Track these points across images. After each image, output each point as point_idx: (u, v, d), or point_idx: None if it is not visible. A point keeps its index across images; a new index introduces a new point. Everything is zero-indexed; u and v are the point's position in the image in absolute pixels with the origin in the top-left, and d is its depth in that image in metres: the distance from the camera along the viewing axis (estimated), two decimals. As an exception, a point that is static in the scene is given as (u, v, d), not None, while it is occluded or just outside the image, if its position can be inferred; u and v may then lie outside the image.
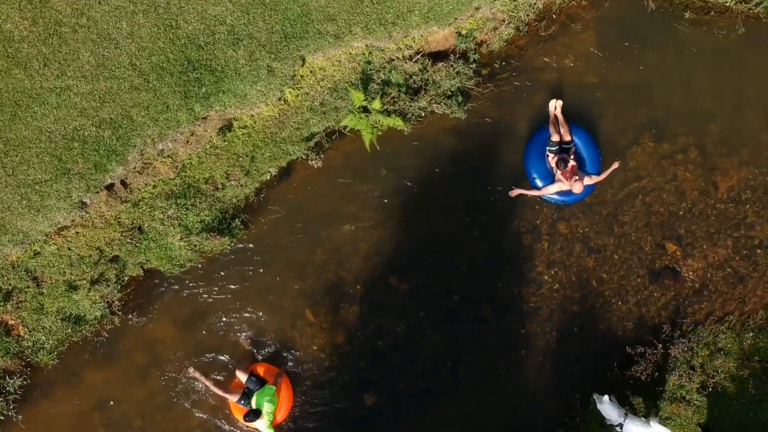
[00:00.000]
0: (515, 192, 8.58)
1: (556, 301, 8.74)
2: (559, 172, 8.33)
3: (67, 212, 7.81)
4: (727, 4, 8.88)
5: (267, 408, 7.74)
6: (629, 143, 8.90)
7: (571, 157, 8.36)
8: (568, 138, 8.47)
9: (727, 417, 8.41)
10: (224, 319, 8.45)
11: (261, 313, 8.49)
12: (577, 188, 8.20)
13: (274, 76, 7.97)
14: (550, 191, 8.44)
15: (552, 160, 8.47)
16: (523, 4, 8.65)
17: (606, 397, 7.94)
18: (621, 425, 7.97)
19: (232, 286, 8.47)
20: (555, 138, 8.46)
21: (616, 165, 8.50)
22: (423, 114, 8.56)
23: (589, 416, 8.49)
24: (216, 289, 8.46)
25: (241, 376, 8.00)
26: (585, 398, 8.52)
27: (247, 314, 8.47)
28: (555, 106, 8.65)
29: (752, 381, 8.47)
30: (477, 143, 8.83)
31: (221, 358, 8.41)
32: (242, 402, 7.88)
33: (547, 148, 8.53)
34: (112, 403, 8.30)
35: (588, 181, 8.37)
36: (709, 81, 9.05)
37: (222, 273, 8.48)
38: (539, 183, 8.58)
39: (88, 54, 7.72)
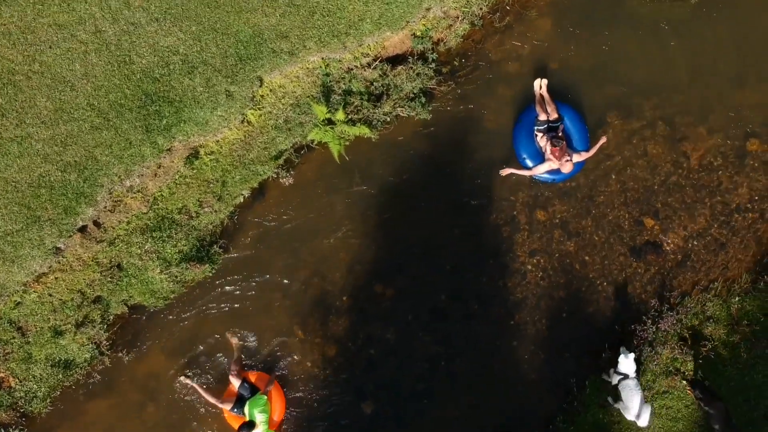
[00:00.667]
0: (506, 171, 8.60)
1: (542, 289, 8.76)
2: (548, 151, 8.36)
3: (43, 259, 7.79)
4: (677, -25, 8.93)
5: (260, 418, 7.80)
6: (597, 123, 8.92)
7: (560, 135, 8.39)
8: (555, 116, 8.51)
9: (723, 383, 8.45)
10: (213, 346, 8.42)
11: (250, 335, 8.47)
12: (567, 168, 8.25)
13: (233, 100, 7.97)
14: (541, 170, 8.48)
15: (541, 139, 8.50)
16: (476, -2, 8.67)
17: (632, 355, 8.01)
18: (626, 377, 8.01)
19: (218, 312, 8.45)
20: (542, 117, 8.49)
21: (603, 140, 8.53)
22: (388, 119, 8.57)
23: (587, 399, 8.51)
24: (202, 316, 8.44)
25: (234, 382, 8.02)
26: (581, 382, 8.55)
27: (237, 338, 8.45)
28: (540, 85, 8.69)
29: (743, 345, 8.52)
30: (446, 141, 8.85)
31: (213, 381, 8.40)
32: (235, 410, 7.93)
33: (535, 127, 8.56)
34: (110, 443, 8.29)
35: (577, 158, 8.41)
36: (668, 53, 9.10)
37: (206, 300, 8.46)
38: (529, 163, 8.60)
39: (44, 99, 7.70)
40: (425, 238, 8.75)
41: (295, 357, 8.51)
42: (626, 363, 8.02)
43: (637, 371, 8.10)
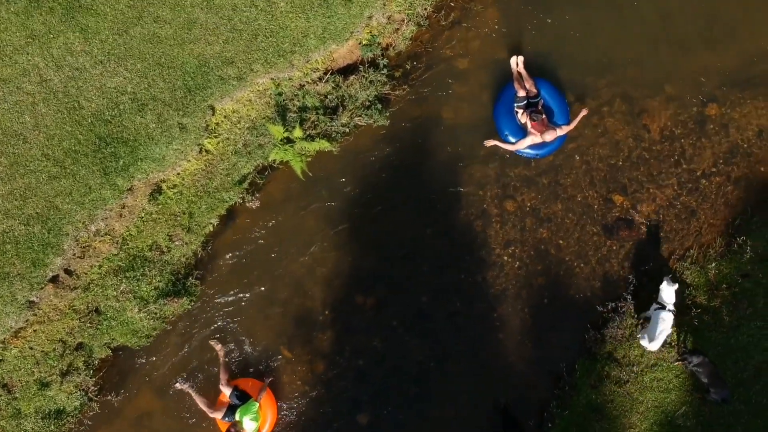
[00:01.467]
0: (490, 143, 8.67)
1: (521, 278, 8.79)
2: (530, 126, 8.43)
3: (17, 315, 7.76)
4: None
5: (250, 426, 7.85)
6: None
7: (539, 109, 8.49)
8: (534, 91, 8.58)
9: (709, 349, 8.50)
10: (201, 379, 8.41)
11: (237, 362, 8.47)
12: (549, 137, 8.35)
13: (187, 132, 7.96)
14: (524, 145, 8.55)
15: (522, 115, 8.56)
16: (419, -1, 8.69)
17: (676, 285, 8.11)
18: (663, 307, 8.07)
19: (202, 344, 8.44)
20: (521, 93, 8.55)
21: (584, 112, 8.61)
22: (347, 130, 8.58)
23: (578, 382, 8.55)
24: (186, 350, 8.43)
25: (225, 391, 8.04)
26: (570, 366, 8.59)
27: (220, 344, 8.40)
28: (516, 62, 8.75)
29: (725, 308, 8.58)
30: (408, 144, 8.87)
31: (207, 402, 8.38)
32: (227, 418, 7.95)
33: (515, 104, 8.63)
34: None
35: (559, 132, 8.48)
36: (616, 28, 9.15)
37: (189, 333, 8.45)
38: (512, 139, 8.67)
39: (-2, 155, 7.68)
40: (399, 243, 8.77)
41: (285, 377, 8.51)
42: (668, 291, 8.07)
43: (676, 303, 8.16)
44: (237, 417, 7.88)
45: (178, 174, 8.19)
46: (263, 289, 8.57)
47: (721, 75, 9.16)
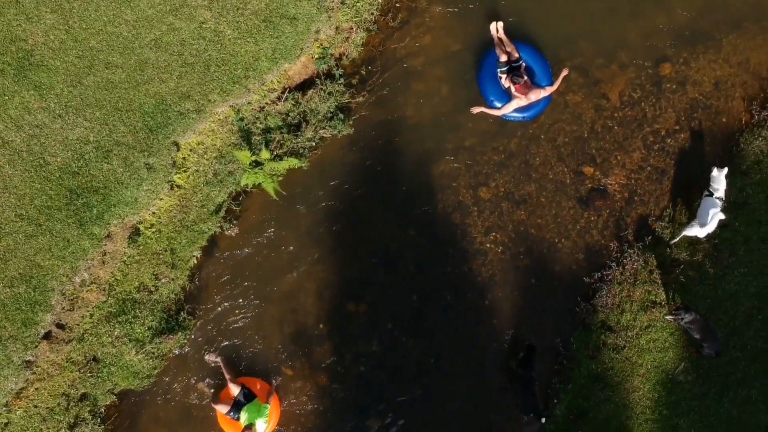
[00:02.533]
0: (476, 109, 8.79)
1: (506, 263, 8.90)
2: (514, 90, 8.57)
3: (16, 376, 7.82)
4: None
5: (262, 428, 7.99)
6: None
7: (521, 72, 8.63)
8: (516, 55, 8.72)
9: (700, 302, 8.66)
10: (209, 407, 8.48)
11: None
12: (534, 96, 8.55)
13: (155, 171, 8.04)
14: (509, 109, 8.70)
15: (505, 80, 8.71)
16: (363, 6, 8.77)
17: (726, 170, 8.41)
18: (712, 194, 8.36)
19: (204, 375, 8.51)
20: (503, 58, 8.69)
21: (565, 72, 8.78)
22: (314, 144, 8.67)
23: (576, 355, 8.68)
24: (190, 384, 8.50)
25: (234, 389, 8.14)
26: (566, 340, 8.73)
27: (214, 354, 8.47)
28: (497, 28, 8.89)
29: (708, 261, 8.73)
30: (376, 148, 8.95)
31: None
32: (231, 413, 8.06)
33: (498, 69, 8.77)
34: None
35: (543, 93, 8.64)
36: (562, 3, 9.23)
37: (189, 366, 8.52)
38: (497, 104, 8.81)
39: (-28, 223, 7.73)
40: (383, 246, 8.85)
41: (290, 395, 8.59)
42: (719, 178, 8.34)
43: (726, 190, 8.44)
44: (243, 415, 7.97)
45: (154, 213, 8.26)
46: (255, 312, 8.63)
47: (670, 34, 9.30)
